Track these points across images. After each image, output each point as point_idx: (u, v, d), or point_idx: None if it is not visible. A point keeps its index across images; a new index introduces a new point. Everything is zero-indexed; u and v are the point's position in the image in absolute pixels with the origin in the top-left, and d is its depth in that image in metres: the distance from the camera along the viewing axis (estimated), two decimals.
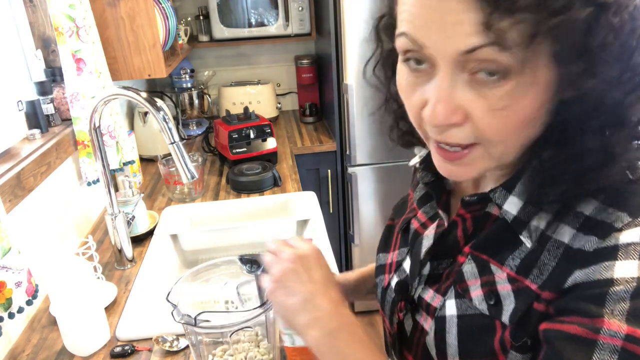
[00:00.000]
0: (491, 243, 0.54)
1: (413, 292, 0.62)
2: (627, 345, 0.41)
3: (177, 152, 1.03)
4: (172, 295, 0.80)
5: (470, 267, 0.55)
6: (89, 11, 1.35)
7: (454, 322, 0.55)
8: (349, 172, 2.16)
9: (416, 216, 0.66)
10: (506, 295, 0.50)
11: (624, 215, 0.45)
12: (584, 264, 0.45)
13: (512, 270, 0.50)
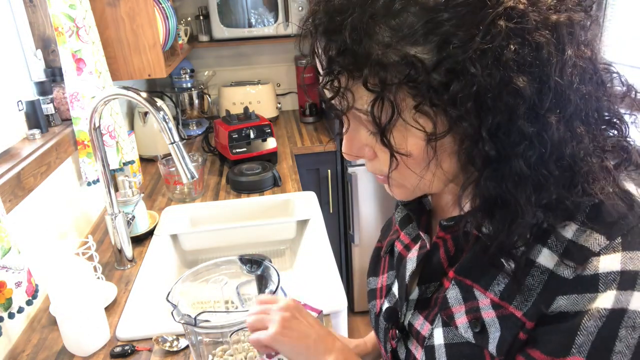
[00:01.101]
0: (474, 266, 0.52)
1: (403, 319, 0.61)
2: None
3: (177, 152, 1.03)
4: (172, 295, 0.80)
5: (455, 293, 0.54)
6: (89, 11, 1.35)
7: (442, 352, 0.54)
8: (349, 172, 2.16)
9: (399, 238, 0.66)
10: (491, 322, 0.49)
11: (601, 238, 0.45)
12: (566, 291, 0.45)
13: (496, 295, 0.49)
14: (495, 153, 0.44)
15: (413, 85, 0.43)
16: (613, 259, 0.43)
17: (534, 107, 0.42)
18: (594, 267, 0.44)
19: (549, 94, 0.42)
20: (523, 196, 0.45)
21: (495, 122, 0.43)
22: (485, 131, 0.43)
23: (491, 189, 0.46)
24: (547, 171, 0.44)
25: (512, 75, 0.41)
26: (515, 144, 0.43)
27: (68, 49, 1.27)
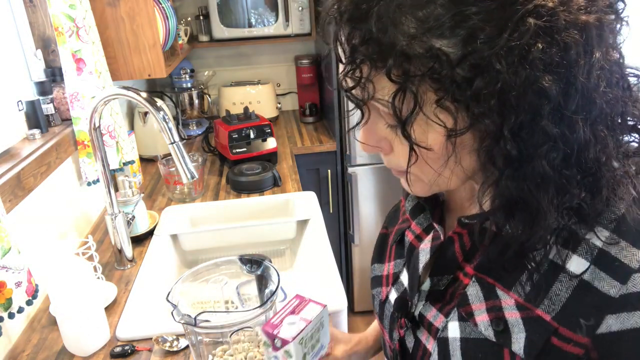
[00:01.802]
0: (494, 265, 0.52)
1: (413, 309, 0.60)
2: None
3: (177, 152, 1.03)
4: (172, 295, 0.80)
5: (475, 291, 0.53)
6: (89, 11, 1.35)
7: (457, 345, 0.53)
8: (349, 172, 2.16)
9: (410, 227, 0.65)
10: (515, 322, 0.49)
11: (638, 253, 0.44)
12: (614, 310, 0.44)
13: (521, 297, 0.49)
14: (517, 153, 0.43)
15: (436, 79, 0.42)
16: None
17: (559, 108, 0.42)
18: (637, 284, 0.44)
19: (575, 95, 0.41)
20: (545, 198, 0.44)
21: (519, 121, 0.42)
22: (508, 130, 0.42)
23: (512, 189, 0.45)
24: (570, 174, 0.44)
25: (538, 74, 0.40)
26: (539, 145, 0.43)
27: (68, 49, 1.27)
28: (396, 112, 0.45)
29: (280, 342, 0.64)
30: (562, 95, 0.41)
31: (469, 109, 0.43)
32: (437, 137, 0.46)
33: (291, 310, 0.68)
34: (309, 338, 0.67)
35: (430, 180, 0.52)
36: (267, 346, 0.66)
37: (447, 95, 0.43)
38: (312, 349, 0.69)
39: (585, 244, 0.46)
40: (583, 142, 0.43)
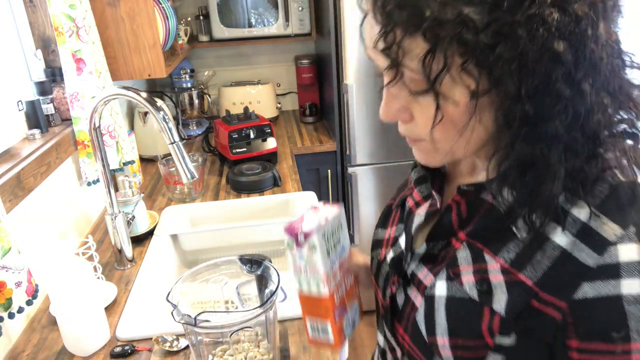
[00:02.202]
0: (486, 232, 0.56)
1: (406, 268, 0.65)
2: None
3: (177, 152, 1.03)
4: (172, 295, 0.80)
5: (465, 254, 0.58)
6: (89, 11, 1.35)
7: (442, 302, 0.58)
8: (349, 172, 2.16)
9: (412, 194, 0.70)
10: (498, 285, 0.54)
11: (616, 227, 0.48)
12: (590, 279, 0.48)
13: (506, 262, 0.53)
14: (533, 113, 0.47)
15: (463, 43, 0.46)
16: (631, 249, 0.48)
17: (570, 73, 0.46)
18: (614, 255, 0.48)
19: (584, 62, 0.46)
20: (555, 158, 0.48)
21: (535, 83, 0.46)
22: (525, 91, 0.46)
23: (526, 149, 0.49)
24: (577, 136, 0.48)
25: (554, 41, 0.45)
26: (552, 105, 0.47)
27: (68, 49, 1.27)
28: (426, 70, 0.48)
29: (304, 236, 0.65)
30: (574, 62, 0.46)
31: (491, 73, 0.47)
32: (461, 99, 0.50)
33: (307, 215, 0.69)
34: (330, 234, 0.69)
35: (445, 149, 0.55)
36: (290, 247, 0.67)
37: (471, 59, 0.46)
38: (334, 249, 0.70)
39: (570, 218, 0.50)
40: (589, 107, 0.47)
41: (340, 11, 1.96)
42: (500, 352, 0.54)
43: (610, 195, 0.50)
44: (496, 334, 0.53)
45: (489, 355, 0.55)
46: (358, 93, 2.04)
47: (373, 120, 2.09)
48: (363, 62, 2.02)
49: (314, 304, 0.70)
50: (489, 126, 0.52)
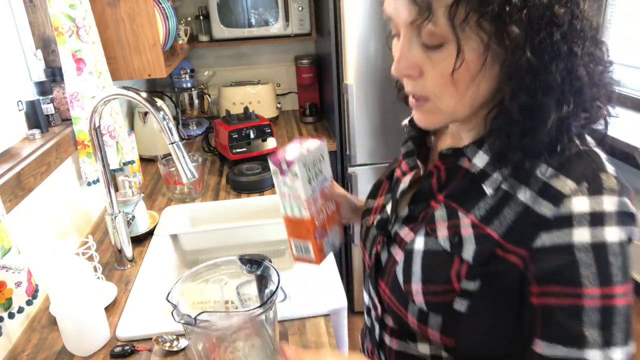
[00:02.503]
0: (461, 194, 0.65)
1: (391, 228, 0.73)
2: (604, 302, 0.54)
3: (177, 152, 1.03)
4: (172, 295, 0.80)
5: (442, 213, 0.65)
6: (89, 11, 1.35)
7: (419, 255, 0.66)
8: (349, 172, 2.16)
9: (400, 166, 0.78)
10: (467, 237, 0.61)
11: (571, 182, 0.56)
12: (548, 228, 0.56)
13: (477, 218, 0.61)
14: (536, 65, 0.54)
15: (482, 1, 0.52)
16: (582, 202, 0.55)
17: (565, 34, 0.54)
18: (568, 207, 0.55)
19: (576, 25, 0.54)
20: (551, 104, 0.55)
21: (539, 38, 0.53)
22: (530, 45, 0.53)
23: (526, 97, 0.55)
24: (568, 88, 0.55)
25: (555, 4, 0.53)
26: (552, 57, 0.54)
27: (68, 49, 1.27)
28: (450, 19, 0.53)
29: (287, 164, 0.74)
30: (568, 24, 0.54)
31: (503, 28, 0.53)
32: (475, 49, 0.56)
33: (292, 146, 0.77)
34: (312, 164, 0.77)
35: (449, 107, 0.61)
36: (276, 174, 0.76)
37: (486, 16, 0.53)
38: (316, 178, 0.78)
39: (534, 178, 0.58)
40: (578, 63, 0.55)
41: (340, 11, 1.96)
42: (466, 297, 0.61)
43: (569, 158, 0.58)
44: (462, 279, 0.61)
45: (455, 300, 0.62)
46: (358, 93, 2.04)
47: (373, 120, 2.10)
48: (363, 62, 2.02)
49: (297, 226, 0.80)
50: (493, 80, 0.58)
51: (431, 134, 0.77)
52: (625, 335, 0.55)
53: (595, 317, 0.54)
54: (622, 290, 0.55)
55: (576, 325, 0.54)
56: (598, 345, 0.54)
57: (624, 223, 0.55)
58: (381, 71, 2.04)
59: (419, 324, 0.66)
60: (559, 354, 0.56)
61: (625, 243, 0.56)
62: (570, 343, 0.55)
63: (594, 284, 0.54)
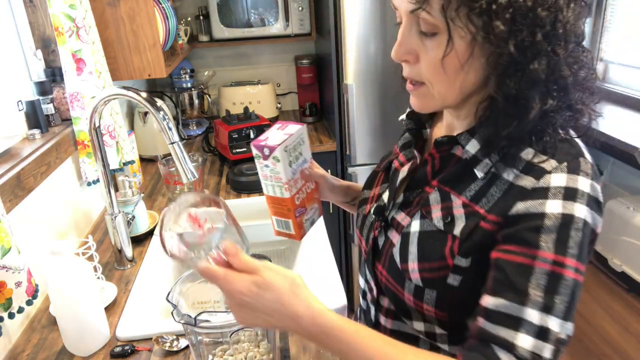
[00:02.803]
0: (454, 178, 0.70)
1: (388, 214, 0.77)
2: (554, 268, 0.58)
3: (177, 152, 1.03)
4: (172, 295, 0.80)
5: (435, 196, 0.71)
6: (89, 11, 1.35)
7: (415, 236, 0.71)
8: (349, 172, 2.16)
9: (397, 158, 0.82)
10: (459, 216, 0.67)
11: (553, 161, 0.62)
12: (525, 198, 0.61)
13: (467, 198, 0.67)
14: (518, 56, 0.58)
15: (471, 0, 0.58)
16: (560, 177, 0.61)
17: (547, 35, 0.58)
18: (547, 181, 0.61)
19: (559, 31, 0.58)
20: (534, 97, 0.60)
21: (522, 36, 0.58)
22: (513, 40, 0.58)
23: (511, 87, 0.60)
24: (551, 86, 0.60)
25: (537, 6, 0.57)
26: (534, 54, 0.58)
27: (68, 49, 1.27)
28: (443, 10, 0.59)
29: (269, 150, 0.78)
30: (551, 26, 0.58)
31: (490, 22, 0.58)
32: (464, 40, 0.61)
33: (273, 130, 0.82)
34: (292, 149, 0.81)
35: (440, 92, 0.66)
36: (258, 157, 0.80)
37: (476, 10, 0.58)
38: (297, 160, 0.83)
39: (519, 159, 0.64)
40: (562, 63, 0.59)
41: (340, 11, 1.96)
42: (458, 273, 0.66)
43: (553, 144, 0.63)
44: (455, 256, 0.66)
45: (449, 275, 0.66)
46: (358, 93, 2.04)
47: (373, 120, 2.10)
48: (363, 62, 2.02)
49: (278, 205, 0.85)
50: (480, 71, 0.63)
51: (427, 126, 0.82)
52: (566, 310, 0.58)
53: (542, 280, 0.58)
54: (573, 264, 0.59)
55: (523, 281, 0.58)
56: (538, 307, 0.57)
57: (592, 207, 0.61)
58: (381, 71, 2.04)
59: (415, 299, 0.70)
60: (500, 306, 0.59)
61: (588, 225, 0.60)
62: (512, 297, 0.59)
63: (550, 249, 0.58)
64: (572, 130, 0.66)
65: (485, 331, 0.60)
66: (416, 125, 0.81)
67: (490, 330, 0.60)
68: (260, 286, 0.61)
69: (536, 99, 0.60)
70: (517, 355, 0.57)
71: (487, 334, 0.60)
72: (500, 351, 0.58)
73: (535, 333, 0.57)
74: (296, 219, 0.86)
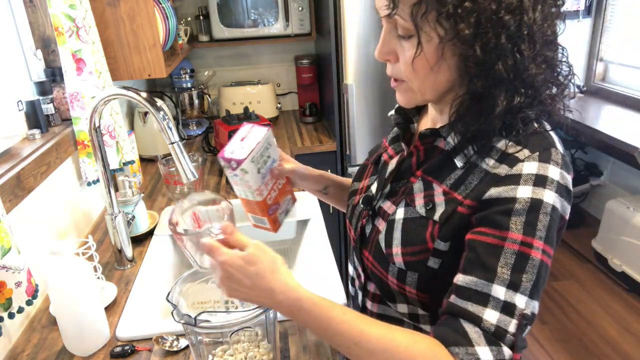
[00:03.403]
0: (436, 169, 0.74)
1: (375, 204, 0.82)
2: (522, 249, 0.62)
3: (177, 152, 1.03)
4: (172, 295, 0.80)
5: (419, 185, 0.75)
6: (89, 11, 1.35)
7: (400, 223, 0.75)
8: (349, 172, 2.16)
9: (387, 151, 0.86)
10: (439, 203, 0.71)
11: (526, 151, 0.66)
12: (498, 184, 0.65)
13: (447, 186, 0.71)
14: (483, 57, 0.62)
15: (440, 2, 0.62)
16: (532, 165, 0.65)
17: (512, 37, 0.62)
18: (519, 168, 0.65)
19: (524, 32, 0.62)
20: (500, 95, 0.64)
21: (487, 37, 0.62)
22: (479, 41, 0.62)
23: (479, 87, 0.64)
24: (516, 84, 0.64)
25: (502, 10, 0.61)
26: (498, 55, 0.62)
27: (68, 49, 1.27)
28: (413, 14, 0.63)
29: (236, 163, 0.79)
30: (516, 28, 0.62)
31: (456, 25, 0.62)
32: (433, 42, 0.65)
33: (240, 137, 0.83)
34: (259, 156, 0.83)
35: (419, 88, 0.71)
36: (226, 169, 0.81)
37: (443, 13, 0.62)
38: (265, 164, 0.85)
39: (495, 150, 0.68)
40: (526, 64, 0.63)
41: (340, 11, 1.96)
42: (438, 256, 0.70)
43: (527, 136, 0.67)
44: (435, 239, 0.70)
45: (429, 258, 0.71)
46: (358, 93, 2.04)
47: (373, 120, 2.10)
48: (363, 62, 2.02)
49: (251, 205, 0.88)
50: (451, 71, 0.67)
51: (414, 121, 0.87)
52: (532, 288, 0.62)
53: (510, 259, 0.62)
54: (540, 245, 0.62)
55: (492, 260, 0.62)
56: (505, 284, 0.61)
57: (561, 194, 0.65)
58: (381, 71, 2.04)
59: (398, 282, 0.74)
60: (470, 283, 0.63)
61: (557, 211, 0.64)
62: (482, 275, 0.63)
63: (519, 230, 0.62)
64: (546, 123, 0.71)
65: (455, 306, 0.64)
66: (404, 119, 0.86)
67: (459, 305, 0.63)
68: (245, 260, 0.68)
69: (502, 96, 0.64)
70: (482, 328, 0.61)
71: (457, 309, 0.63)
72: (467, 324, 0.62)
73: (501, 308, 0.61)
74: (270, 216, 0.89)
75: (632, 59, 2.43)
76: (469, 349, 0.60)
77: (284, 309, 0.68)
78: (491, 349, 0.60)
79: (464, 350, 0.60)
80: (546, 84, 0.67)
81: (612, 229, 2.51)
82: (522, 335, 0.61)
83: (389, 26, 0.70)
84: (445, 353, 0.61)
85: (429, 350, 0.61)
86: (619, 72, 2.57)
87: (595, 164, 3.00)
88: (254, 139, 0.82)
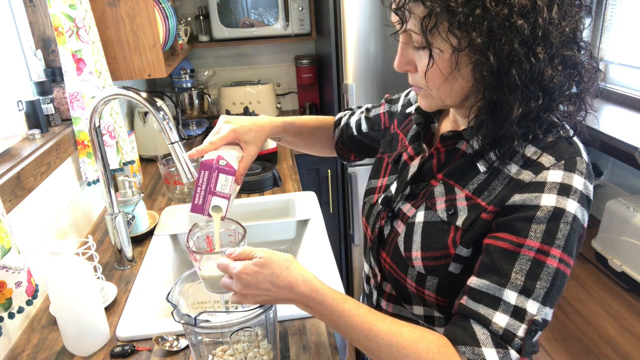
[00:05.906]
0: (458, 172, 0.74)
1: (394, 205, 0.82)
2: (538, 256, 0.62)
3: (177, 152, 1.03)
4: (172, 295, 0.80)
5: (440, 189, 0.75)
6: (89, 11, 1.35)
7: (420, 227, 0.75)
8: (349, 172, 2.16)
9: (407, 151, 0.86)
10: (462, 208, 0.71)
11: (552, 158, 0.66)
12: (522, 191, 0.65)
13: (470, 192, 0.71)
14: (497, 65, 0.62)
15: (450, 11, 0.61)
16: (557, 174, 0.65)
17: (526, 41, 0.61)
18: (544, 176, 0.65)
19: (538, 30, 0.61)
20: (515, 102, 0.63)
21: (500, 44, 0.61)
22: (492, 49, 0.61)
23: (493, 94, 0.64)
24: (533, 89, 0.63)
25: (514, 14, 0.60)
26: (513, 62, 0.61)
27: (68, 49, 1.27)
28: (423, 27, 0.64)
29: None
30: (530, 32, 0.61)
31: (468, 35, 0.62)
32: (446, 53, 0.65)
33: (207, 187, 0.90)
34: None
35: (437, 95, 0.71)
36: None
37: (455, 24, 0.62)
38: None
39: (519, 155, 0.68)
40: (542, 68, 0.62)
41: (340, 11, 1.96)
42: (459, 262, 0.70)
43: (553, 142, 0.67)
44: (457, 245, 0.70)
45: (450, 263, 0.71)
46: (358, 93, 2.04)
47: None
48: (363, 62, 2.02)
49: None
50: (467, 79, 0.67)
51: (435, 121, 0.86)
52: (546, 295, 0.62)
53: (525, 265, 0.62)
54: (558, 254, 0.62)
55: (507, 265, 0.63)
56: (517, 289, 0.62)
57: (582, 204, 0.65)
58: (381, 71, 2.04)
59: (417, 285, 0.75)
60: (482, 286, 0.64)
61: (578, 220, 0.64)
62: (495, 279, 0.63)
63: (537, 238, 0.62)
64: (569, 127, 0.70)
65: (466, 307, 0.65)
66: (424, 119, 0.85)
67: (470, 307, 0.64)
68: (258, 265, 0.71)
69: (517, 102, 0.64)
70: (491, 330, 0.62)
71: (468, 310, 0.64)
72: (476, 325, 0.63)
73: (511, 312, 0.62)
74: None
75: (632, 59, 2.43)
76: (475, 349, 0.61)
77: (306, 299, 0.70)
78: (498, 351, 0.61)
79: (471, 350, 0.62)
80: (566, 85, 0.66)
81: (612, 229, 2.51)
82: (531, 340, 0.62)
83: (405, 38, 0.70)
84: (453, 351, 0.62)
85: (435, 347, 0.63)
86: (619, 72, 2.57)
87: (595, 164, 3.01)
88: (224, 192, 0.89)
